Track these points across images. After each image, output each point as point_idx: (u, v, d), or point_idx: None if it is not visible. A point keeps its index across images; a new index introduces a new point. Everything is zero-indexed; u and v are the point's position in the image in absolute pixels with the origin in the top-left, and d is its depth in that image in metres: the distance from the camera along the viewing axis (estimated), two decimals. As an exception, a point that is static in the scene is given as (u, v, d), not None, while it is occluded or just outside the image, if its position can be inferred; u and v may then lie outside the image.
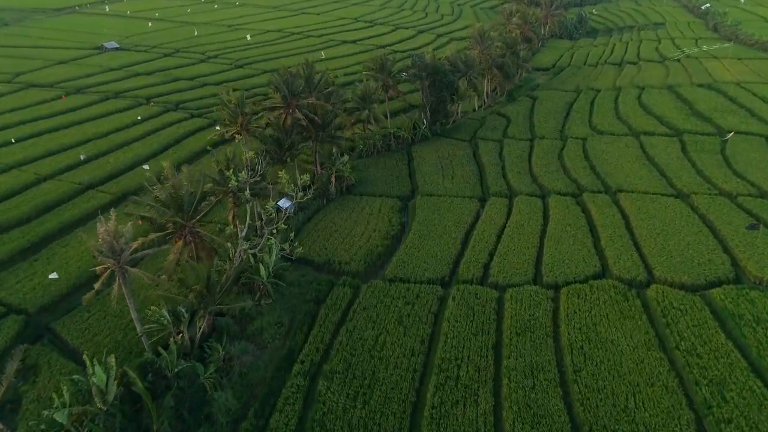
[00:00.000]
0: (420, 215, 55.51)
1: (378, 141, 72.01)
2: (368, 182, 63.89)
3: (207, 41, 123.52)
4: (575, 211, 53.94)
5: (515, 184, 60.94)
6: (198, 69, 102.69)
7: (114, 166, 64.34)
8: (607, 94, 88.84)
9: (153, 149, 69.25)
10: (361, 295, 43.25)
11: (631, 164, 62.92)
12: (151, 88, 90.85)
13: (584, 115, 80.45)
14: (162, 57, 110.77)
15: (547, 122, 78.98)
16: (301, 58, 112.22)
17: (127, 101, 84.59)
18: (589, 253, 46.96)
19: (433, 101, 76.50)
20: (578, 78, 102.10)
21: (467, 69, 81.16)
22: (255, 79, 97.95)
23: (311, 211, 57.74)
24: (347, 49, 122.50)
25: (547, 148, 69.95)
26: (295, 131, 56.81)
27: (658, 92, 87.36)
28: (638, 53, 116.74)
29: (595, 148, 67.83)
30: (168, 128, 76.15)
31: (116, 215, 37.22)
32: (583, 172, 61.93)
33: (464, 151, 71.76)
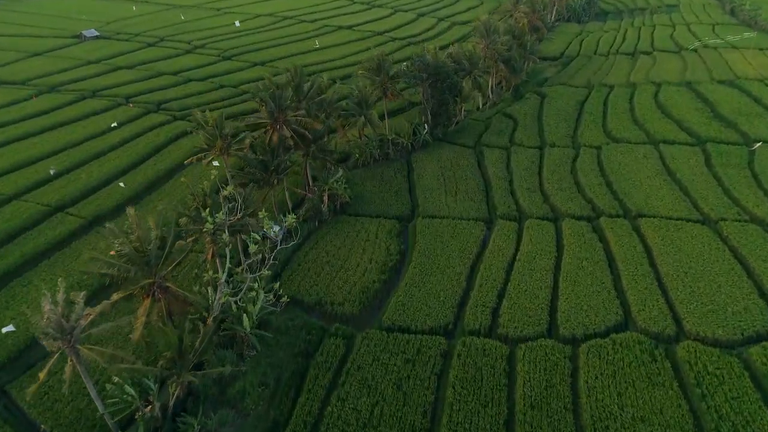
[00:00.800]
0: (421, 243, 50.53)
1: (375, 149, 66.46)
2: (364, 199, 58.69)
3: (193, 28, 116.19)
4: (592, 240, 48.94)
5: (525, 203, 55.75)
6: (183, 62, 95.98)
7: (87, 182, 58.89)
8: (621, 92, 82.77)
9: (131, 160, 63.64)
10: (356, 350, 38.61)
11: (651, 180, 57.62)
12: (131, 86, 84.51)
13: (597, 118, 74.64)
14: (145, 47, 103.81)
15: (557, 126, 73.22)
16: (294, 48, 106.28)
17: (104, 101, 78.42)
18: (609, 295, 42.17)
19: (435, 104, 70.64)
20: (589, 71, 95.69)
21: (471, 67, 74.94)
22: (243, 74, 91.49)
23: (302, 237, 52.71)
24: (343, 36, 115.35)
25: (559, 158, 64.47)
26: (283, 148, 51.28)
27: (676, 90, 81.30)
28: (652, 41, 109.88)
29: (610, 160, 62.39)
30: (148, 134, 70.32)
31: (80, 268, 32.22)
32: (599, 190, 56.66)
33: (468, 160, 66.28)
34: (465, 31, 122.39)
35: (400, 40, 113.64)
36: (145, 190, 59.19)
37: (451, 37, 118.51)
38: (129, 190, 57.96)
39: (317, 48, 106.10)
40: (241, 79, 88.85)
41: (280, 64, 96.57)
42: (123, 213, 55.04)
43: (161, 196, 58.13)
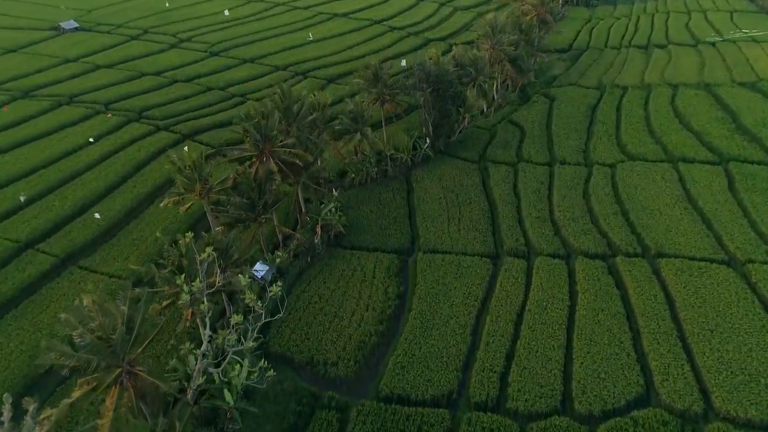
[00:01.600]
0: (422, 285, 46.56)
1: (372, 167, 61.80)
2: (361, 228, 54.45)
3: (179, 17, 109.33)
4: (608, 286, 44.92)
5: (534, 236, 51.51)
6: (167, 59, 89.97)
7: (60, 210, 54.41)
8: (635, 96, 77.48)
9: (109, 182, 58.99)
10: (350, 426, 35.07)
11: (671, 209, 53.24)
12: (111, 89, 78.91)
13: (610, 128, 69.64)
14: (127, 41, 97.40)
15: (567, 137, 68.31)
16: (286, 41, 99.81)
17: (81, 109, 73.02)
18: (629, 359, 38.43)
19: (437, 115, 65.56)
20: (600, 68, 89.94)
21: (476, 73, 69.50)
22: (232, 73, 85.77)
23: (292, 276, 48.69)
24: (338, 25, 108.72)
25: (570, 178, 59.87)
26: (271, 181, 46.66)
27: (694, 94, 75.98)
28: (666, 32, 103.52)
29: (626, 182, 57.84)
30: (128, 148, 65.41)
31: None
32: (614, 221, 52.32)
33: (472, 178, 61.67)
34: (468, 18, 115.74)
35: (399, 30, 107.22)
36: (124, 218, 54.79)
37: (454, 25, 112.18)
38: (105, 220, 53.54)
39: (311, 41, 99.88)
40: (230, 80, 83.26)
41: (271, 61, 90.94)
42: (98, 249, 51.30)
43: (140, 225, 53.78)
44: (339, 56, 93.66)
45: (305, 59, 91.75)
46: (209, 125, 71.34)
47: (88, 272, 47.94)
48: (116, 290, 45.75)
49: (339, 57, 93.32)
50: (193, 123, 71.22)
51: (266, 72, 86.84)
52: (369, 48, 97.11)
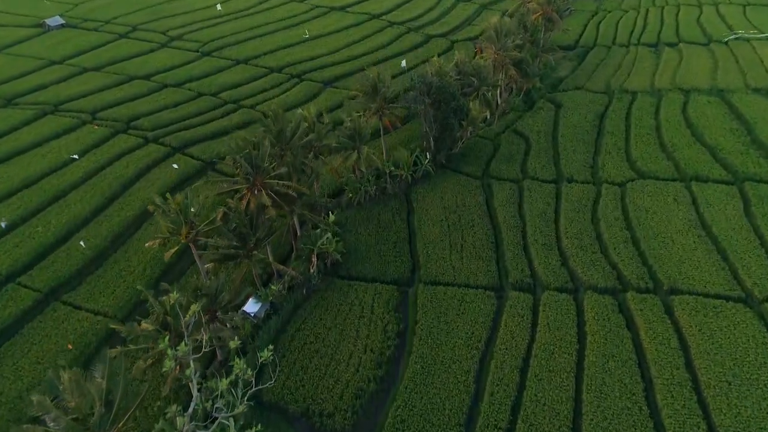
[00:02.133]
0: (423, 324, 44.40)
1: (371, 187, 59.10)
2: (359, 254, 52.09)
3: (170, 11, 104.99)
4: (618, 327, 42.68)
5: (540, 267, 49.10)
6: (157, 60, 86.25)
7: (43, 238, 51.89)
8: (645, 103, 74.21)
9: (94, 204, 56.37)
10: (347, 493, 33.24)
11: (684, 237, 50.71)
12: (98, 96, 75.59)
13: (620, 140, 66.61)
14: (116, 39, 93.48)
15: (574, 150, 65.38)
16: (280, 38, 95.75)
17: (66, 120, 69.87)
18: (641, 413, 36.41)
19: (438, 129, 62.50)
20: (608, 69, 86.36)
21: (480, 83, 66.21)
22: (224, 76, 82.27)
23: (287, 312, 46.44)
24: (336, 20, 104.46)
25: (577, 199, 57.17)
26: (263, 215, 44.04)
27: (707, 102, 72.73)
28: (677, 28, 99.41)
29: (636, 205, 55.18)
30: (115, 164, 62.57)
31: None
32: (625, 251, 49.82)
33: (475, 197, 59.01)
34: (470, 11, 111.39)
35: (399, 26, 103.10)
36: (110, 245, 52.36)
37: (456, 20, 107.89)
38: (90, 248, 51.08)
39: (307, 38, 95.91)
40: (223, 84, 79.84)
41: (266, 61, 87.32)
42: (84, 281, 48.91)
43: (127, 254, 51.38)
44: (336, 56, 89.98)
45: (301, 59, 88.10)
46: (200, 136, 68.37)
47: (73, 309, 45.70)
48: (100, 330, 43.75)
49: (336, 57, 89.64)
50: (183, 134, 68.21)
51: (260, 75, 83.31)
52: (367, 46, 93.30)
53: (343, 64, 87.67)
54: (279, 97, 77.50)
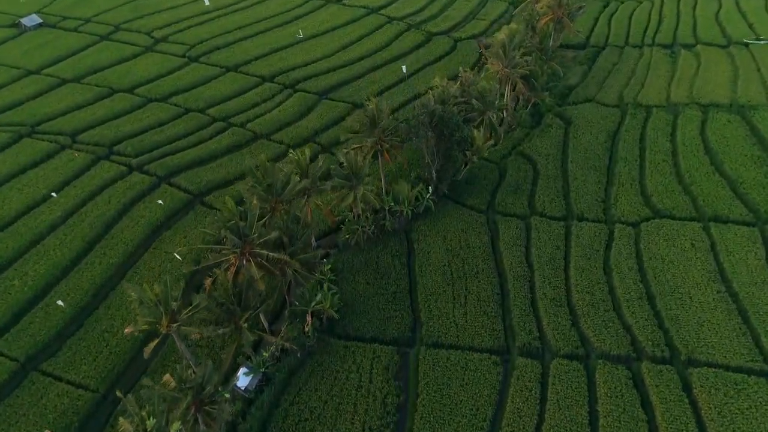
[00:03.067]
0: (424, 397, 41.95)
1: (369, 226, 55.59)
2: (356, 307, 49.23)
3: (155, 6, 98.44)
4: (632, 406, 40.08)
5: (549, 328, 46.17)
6: (141, 68, 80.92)
7: (20, 293, 48.78)
8: (660, 121, 69.70)
9: (75, 249, 53.01)
10: None
11: (702, 293, 47.56)
12: (78, 114, 70.95)
13: (633, 169, 62.51)
14: (97, 42, 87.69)
15: (585, 179, 61.49)
16: (272, 39, 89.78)
17: (44, 144, 65.56)
18: None
19: (441, 160, 58.53)
20: (620, 76, 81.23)
21: (486, 107, 61.69)
22: (213, 88, 77.31)
23: (281, 382, 43.71)
24: (332, 15, 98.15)
25: (589, 243, 53.69)
26: (252, 290, 40.77)
27: (727, 121, 68.27)
28: (695, 26, 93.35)
29: (651, 252, 51.78)
30: (97, 199, 58.84)
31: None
32: (639, 310, 46.74)
33: (480, 237, 55.62)
34: (474, 3, 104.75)
35: (398, 21, 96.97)
36: (92, 300, 49.25)
37: (458, 13, 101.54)
38: (71, 305, 47.99)
39: (301, 39, 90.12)
40: (211, 98, 75.07)
41: (257, 68, 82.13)
42: (64, 345, 46.06)
43: (110, 310, 48.39)
44: (332, 60, 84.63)
45: (294, 65, 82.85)
46: (187, 162, 64.41)
47: (52, 380, 42.98)
48: (81, 407, 41.15)
49: (332, 61, 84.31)
50: (169, 160, 64.18)
51: (251, 85, 78.32)
52: (365, 48, 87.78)
53: (339, 70, 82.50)
54: (271, 113, 72.92)
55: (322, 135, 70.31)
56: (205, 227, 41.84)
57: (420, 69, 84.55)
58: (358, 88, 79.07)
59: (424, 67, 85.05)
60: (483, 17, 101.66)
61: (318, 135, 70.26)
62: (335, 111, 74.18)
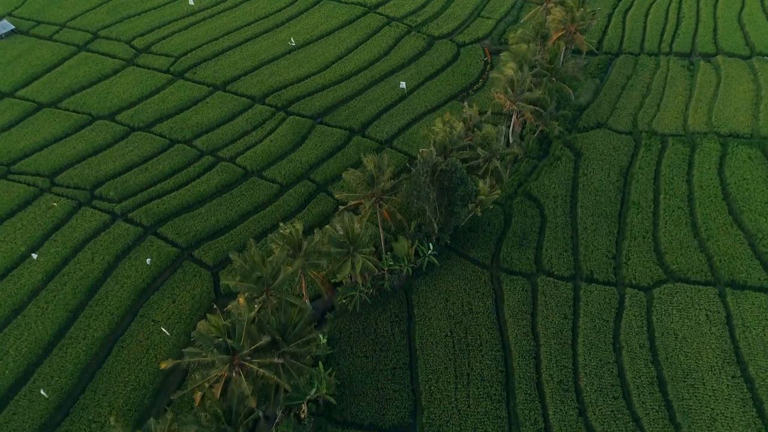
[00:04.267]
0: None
1: (368, 290, 52.84)
2: (354, 387, 47.28)
3: (135, 8, 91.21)
4: None
5: (555, 419, 44.27)
6: (122, 87, 75.50)
7: (1, 379, 46.38)
8: (676, 156, 65.57)
9: (57, 322, 50.53)
10: None
11: (716, 379, 45.38)
12: (57, 148, 66.56)
13: (647, 217, 59.07)
14: (74, 54, 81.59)
15: (595, 229, 58.22)
16: (263, 50, 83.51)
17: (21, 188, 61.66)
18: None
19: (443, 216, 55.06)
20: (635, 96, 76.14)
21: (491, 154, 57.53)
22: (200, 112, 72.64)
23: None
24: (326, 15, 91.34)
25: (598, 311, 51.07)
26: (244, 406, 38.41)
27: (747, 156, 64.26)
28: (715, 31, 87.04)
29: (664, 326, 49.30)
30: (79, 256, 55.71)
31: None
32: (650, 399, 44.69)
33: (483, 301, 53.04)
34: (476, 2, 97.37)
35: (398, 22, 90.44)
36: (77, 383, 47.03)
37: (462, 11, 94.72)
38: (54, 392, 45.81)
39: (293, 47, 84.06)
40: (198, 125, 70.54)
41: (247, 86, 76.99)
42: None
43: (97, 395, 46.33)
44: (326, 76, 79.19)
45: (286, 81, 77.56)
46: (175, 207, 60.99)
47: None
48: None
49: (326, 77, 78.90)
50: (155, 205, 60.64)
51: (240, 108, 73.41)
52: (362, 58, 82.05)
53: (335, 87, 77.31)
54: (263, 144, 68.53)
55: (317, 169, 66.36)
56: (193, 340, 38.54)
57: (420, 84, 79.36)
58: (354, 110, 74.29)
59: (424, 82, 79.78)
60: (488, 15, 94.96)
61: (312, 170, 66.29)
62: (331, 140, 69.81)
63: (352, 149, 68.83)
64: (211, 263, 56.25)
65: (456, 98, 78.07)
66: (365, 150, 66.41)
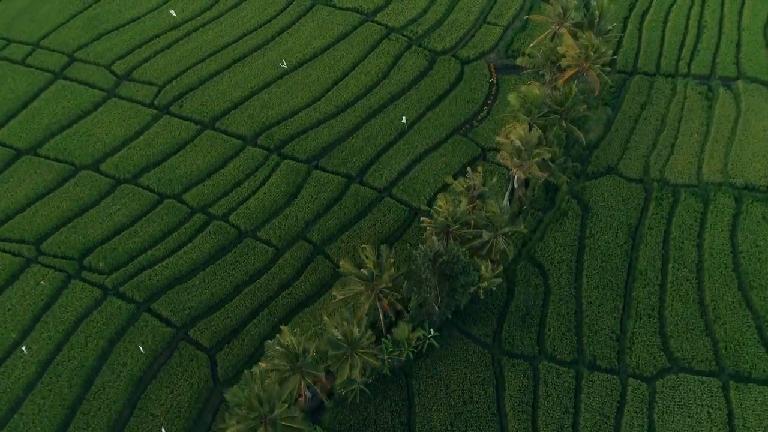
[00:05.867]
0: None
1: (367, 379, 52.30)
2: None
3: (112, 21, 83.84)
4: None
5: None
6: (104, 127, 70.61)
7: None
8: (687, 215, 62.87)
9: (55, 422, 49.98)
10: None
11: (714, 488, 46.05)
12: (40, 209, 63.31)
13: (653, 290, 57.59)
14: (51, 82, 75.45)
15: (600, 307, 56.93)
16: (253, 75, 77.88)
17: (6, 259, 59.18)
18: None
19: (444, 303, 53.57)
20: (648, 131, 71.89)
21: (495, 234, 54.91)
22: (188, 159, 68.41)
23: None
24: (319, 27, 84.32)
25: (599, 406, 50.92)
26: None
27: (762, 217, 61.79)
28: (738, 47, 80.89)
29: (665, 426, 49.29)
30: (72, 340, 54.57)
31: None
32: None
33: (484, 389, 52.98)
34: (482, 3, 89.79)
35: (397, 34, 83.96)
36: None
37: (466, 16, 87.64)
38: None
39: (285, 69, 78.44)
40: (187, 176, 66.81)
41: (237, 123, 72.79)
42: None
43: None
44: (322, 106, 74.39)
45: (279, 116, 73.02)
46: (168, 278, 59.14)
47: None
48: None
49: (323, 108, 74.16)
50: (147, 278, 58.80)
51: (232, 152, 69.39)
52: (360, 83, 76.78)
53: (331, 123, 72.97)
54: (256, 197, 65.52)
55: (314, 227, 63.97)
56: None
57: (421, 114, 74.87)
58: (352, 150, 70.58)
59: (425, 112, 75.22)
60: (495, 21, 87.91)
61: (309, 228, 63.89)
62: (328, 189, 66.75)
63: (350, 201, 66.04)
64: (207, 345, 55.37)
65: (459, 131, 74.10)
66: (361, 198, 64.77)
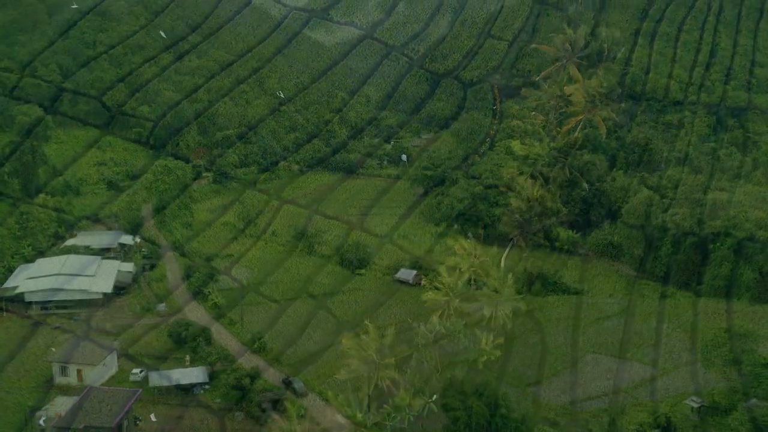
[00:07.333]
0: None
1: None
2: None
3: (104, 41, 79.43)
4: None
5: None
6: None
7: None
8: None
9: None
10: None
11: None
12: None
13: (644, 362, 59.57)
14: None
15: (595, 365, 59.23)
16: (249, 104, 74.87)
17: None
18: None
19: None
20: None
21: (495, 308, 56.08)
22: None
23: None
24: (315, 48, 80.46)
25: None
26: None
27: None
28: (750, 74, 78.03)
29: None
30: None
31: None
32: None
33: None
34: (486, 15, 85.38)
35: (398, 54, 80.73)
36: None
37: (469, 30, 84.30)
38: None
39: (282, 100, 75.92)
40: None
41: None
42: None
43: None
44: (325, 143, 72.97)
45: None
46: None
47: None
48: None
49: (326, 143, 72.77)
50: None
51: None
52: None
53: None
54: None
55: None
56: None
57: (423, 148, 73.68)
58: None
59: (426, 145, 74.13)
60: (499, 34, 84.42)
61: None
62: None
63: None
64: None
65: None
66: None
